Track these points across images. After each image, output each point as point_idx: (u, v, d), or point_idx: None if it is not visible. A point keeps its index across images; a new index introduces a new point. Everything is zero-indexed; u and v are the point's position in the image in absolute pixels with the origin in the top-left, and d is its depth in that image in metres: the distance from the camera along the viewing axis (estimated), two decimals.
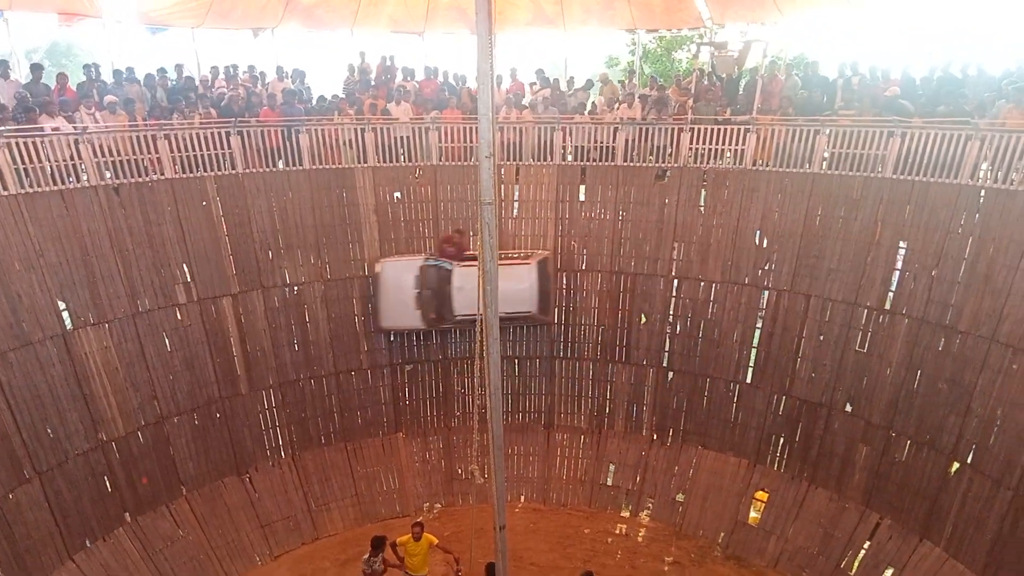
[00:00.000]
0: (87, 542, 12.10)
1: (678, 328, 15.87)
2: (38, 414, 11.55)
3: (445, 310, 15.27)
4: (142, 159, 12.99)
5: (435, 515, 15.77)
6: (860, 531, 13.41)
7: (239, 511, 14.35)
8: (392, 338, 16.17)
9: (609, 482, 16.32)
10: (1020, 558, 10.90)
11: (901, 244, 13.06)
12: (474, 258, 15.06)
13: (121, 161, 12.78)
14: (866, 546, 13.26)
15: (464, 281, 15.00)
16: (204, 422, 14.11)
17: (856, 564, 13.27)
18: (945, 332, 12.40)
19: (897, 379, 13.08)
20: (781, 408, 14.77)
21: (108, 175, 12.68)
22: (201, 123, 13.83)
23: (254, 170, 14.31)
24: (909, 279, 12.93)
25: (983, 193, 12.03)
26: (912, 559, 12.53)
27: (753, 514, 14.82)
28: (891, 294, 13.25)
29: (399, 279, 15.32)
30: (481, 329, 7.85)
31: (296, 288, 15.16)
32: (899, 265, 13.12)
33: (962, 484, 12.03)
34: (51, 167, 11.83)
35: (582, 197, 16.08)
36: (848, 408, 13.84)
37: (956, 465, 12.22)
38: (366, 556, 11.49)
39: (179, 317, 13.65)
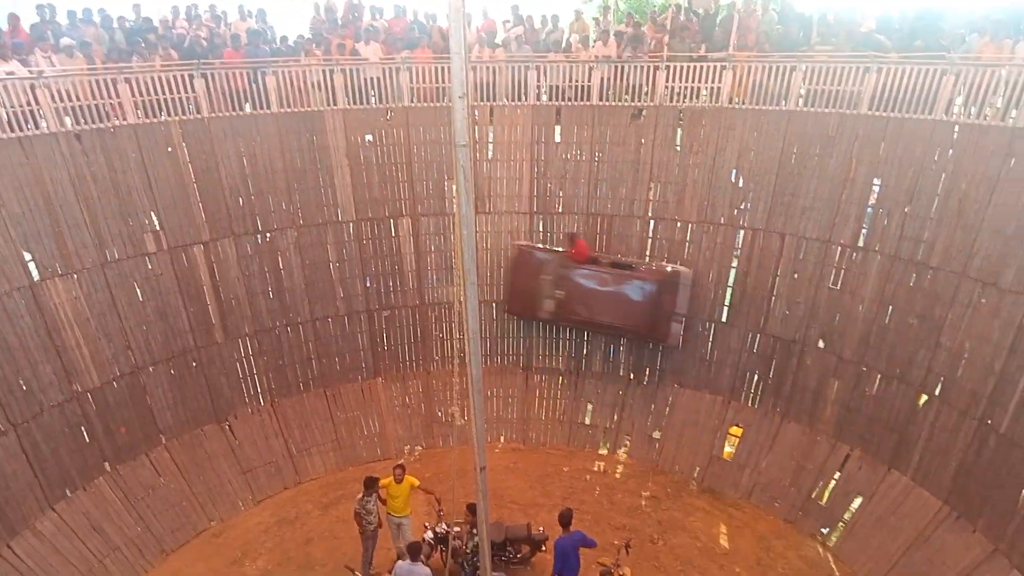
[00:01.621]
0: (67, 491, 12.11)
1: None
2: (9, 367, 11.38)
3: (566, 306, 15.57)
4: (103, 104, 12.56)
5: (416, 457, 15.96)
6: (831, 462, 13.80)
7: (220, 458, 14.41)
8: (368, 284, 16.08)
9: (587, 421, 16.58)
10: (982, 485, 11.29)
11: (875, 181, 13.10)
12: (595, 260, 15.32)
13: (81, 107, 12.34)
14: (836, 477, 13.66)
15: (587, 280, 15.31)
16: (181, 371, 14.03)
17: (827, 494, 13.69)
18: (917, 268, 12.56)
19: (869, 315, 13.29)
20: (756, 346, 14.98)
21: (68, 121, 12.26)
22: (162, 66, 13.36)
23: (220, 114, 13.90)
24: (882, 216, 13.02)
25: (957, 129, 12.05)
26: (880, 488, 12.94)
27: (727, 449, 15.17)
28: (864, 231, 13.36)
29: (534, 264, 15.70)
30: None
31: (269, 235, 14.93)
32: (873, 202, 13.20)
33: (929, 416, 12.36)
34: (7, 113, 11.39)
35: (558, 138, 15.88)
36: (821, 344, 14.08)
37: (924, 397, 12.53)
38: (360, 496, 11.63)
39: (149, 266, 13.42)
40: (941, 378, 12.23)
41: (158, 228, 13.47)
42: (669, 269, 15.15)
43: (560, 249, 15.75)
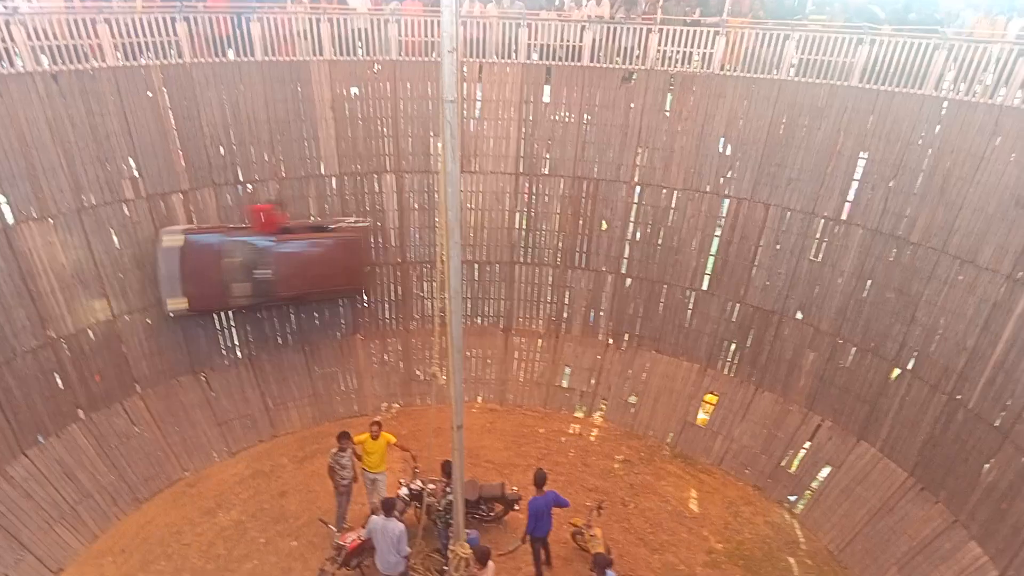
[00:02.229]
0: (40, 438, 12.03)
1: (638, 235, 15.91)
2: None
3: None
4: (81, 45, 12.19)
5: (393, 415, 16.01)
6: (802, 432, 14.01)
7: (195, 409, 14.36)
8: None
9: (565, 384, 16.68)
10: (947, 458, 11.54)
11: (862, 154, 13.10)
12: (289, 231, 14.15)
13: (58, 46, 11.98)
14: (807, 446, 13.89)
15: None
16: (157, 321, 13.88)
17: (796, 462, 13.93)
18: (897, 243, 12.65)
19: (848, 288, 13.40)
20: (735, 315, 15.08)
21: (45, 61, 11.90)
22: (143, 7, 12.99)
23: (202, 60, 13.56)
24: (867, 190, 13.05)
25: (945, 104, 12.04)
26: (849, 458, 13.18)
27: (702, 416, 15.35)
28: (848, 204, 13.39)
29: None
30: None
31: (250, 186, 14.70)
32: (858, 176, 13.20)
33: (901, 389, 12.56)
34: None
35: (547, 98, 15.68)
36: (799, 315, 14.20)
37: (897, 371, 12.72)
38: (334, 451, 11.66)
39: (127, 213, 13.18)
40: (915, 353, 12.41)
41: (136, 175, 13.21)
42: (356, 223, 15.22)
43: (245, 225, 14.36)
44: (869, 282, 13.12)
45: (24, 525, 11.27)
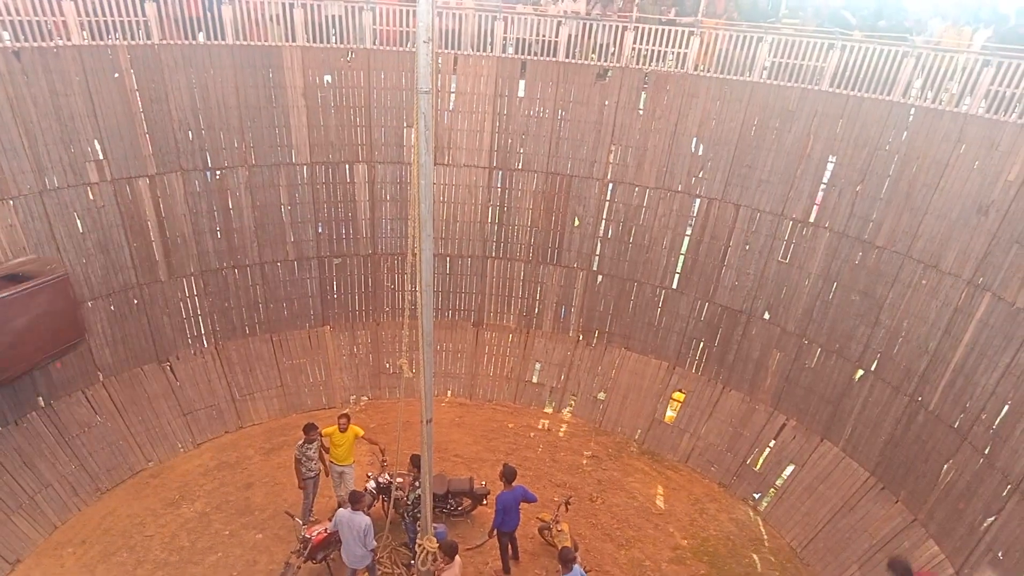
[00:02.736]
0: None
1: (610, 232, 15.99)
2: None
3: None
4: (45, 21, 11.85)
5: (362, 407, 15.92)
6: (767, 431, 14.24)
7: (160, 399, 14.11)
8: (320, 230, 15.77)
9: (535, 380, 16.72)
10: (907, 458, 11.81)
11: (830, 158, 13.30)
12: None
13: (21, 21, 11.61)
14: (771, 445, 14.11)
15: None
16: (121, 308, 13.60)
17: (760, 460, 14.15)
18: (863, 246, 12.88)
19: (814, 289, 13.62)
20: (703, 314, 15.25)
21: (7, 36, 11.54)
22: None
23: (172, 42, 13.27)
24: (834, 193, 13.26)
25: (912, 111, 12.26)
26: (812, 457, 13.43)
27: (669, 413, 15.52)
28: (816, 207, 13.60)
29: None
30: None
31: (219, 173, 14.45)
32: (826, 179, 13.41)
33: (864, 390, 12.82)
34: None
35: (521, 93, 15.65)
36: (766, 316, 14.40)
37: (860, 372, 12.97)
38: (300, 443, 11.55)
39: (91, 197, 12.87)
40: (878, 354, 12.66)
41: (101, 157, 12.90)
42: (24, 262, 11.66)
43: None
44: (835, 284, 13.34)
45: None
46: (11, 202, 11.77)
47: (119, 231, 13.32)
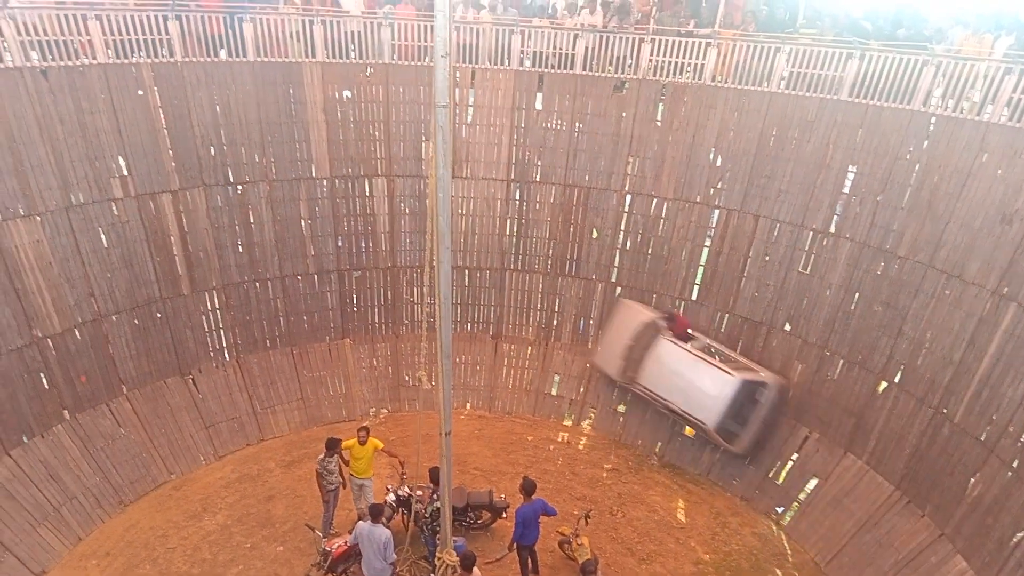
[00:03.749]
0: (24, 438, 11.89)
1: (628, 244, 15.97)
2: None
3: (637, 372, 14.78)
4: (71, 41, 12.12)
5: (381, 420, 15.96)
6: (789, 444, 14.07)
7: (182, 412, 14.25)
8: (340, 243, 15.90)
9: (554, 392, 16.69)
10: (933, 471, 11.62)
11: (851, 168, 13.21)
12: (686, 339, 14.44)
13: (48, 42, 11.89)
14: (794, 458, 13.95)
15: (662, 355, 14.43)
16: (145, 322, 13.78)
17: (783, 474, 13.99)
18: (885, 256, 12.75)
19: (836, 300, 13.49)
20: (723, 325, 15.15)
21: (35, 56, 11.81)
22: (136, 4, 12.90)
23: (194, 59, 13.50)
24: (855, 203, 13.16)
25: (933, 120, 12.17)
26: (836, 471, 13.25)
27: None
28: (836, 218, 13.49)
29: (624, 323, 15.11)
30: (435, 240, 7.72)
31: (240, 187, 14.64)
32: (847, 189, 13.32)
33: (888, 402, 12.65)
34: None
35: (539, 106, 15.73)
36: (787, 327, 14.27)
37: (884, 384, 12.81)
38: (321, 456, 11.60)
39: (116, 212, 13.08)
40: (901, 366, 12.49)
41: (126, 173, 13.12)
42: (762, 375, 13.82)
43: None
44: (857, 295, 13.21)
45: (6, 526, 11.15)
46: (38, 218, 12.00)
47: (143, 246, 13.51)
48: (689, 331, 14.87)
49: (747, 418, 13.66)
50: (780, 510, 13.74)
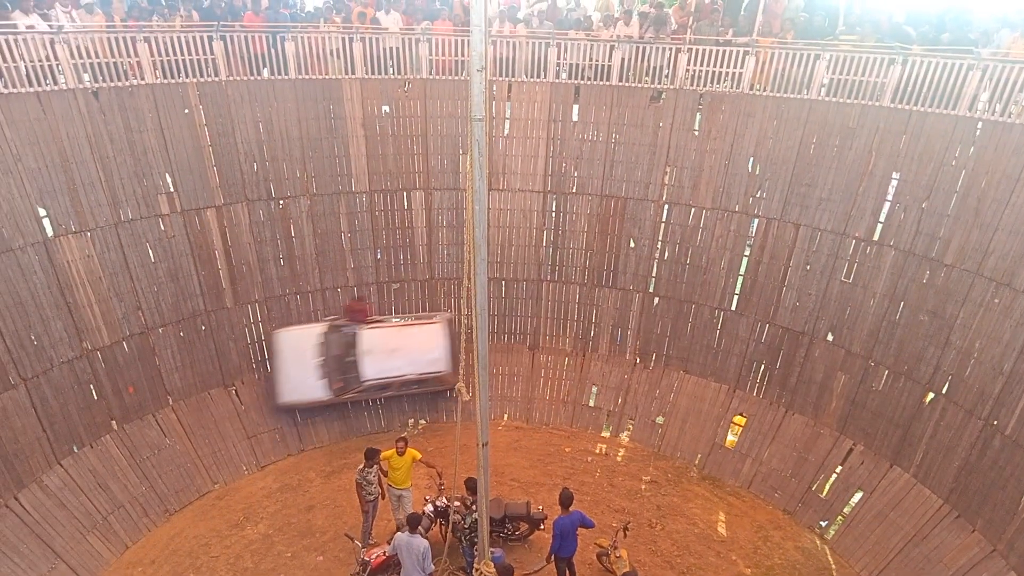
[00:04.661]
0: (74, 448, 12.28)
1: (666, 254, 15.86)
2: (21, 321, 11.51)
3: (352, 376, 14.96)
4: (121, 63, 12.57)
5: (419, 431, 16.04)
6: (833, 456, 13.79)
7: (225, 422, 14.54)
8: (379, 256, 16.11)
9: (591, 403, 16.61)
10: (983, 485, 11.27)
11: (894, 175, 12.96)
12: (379, 321, 14.99)
13: (100, 64, 12.36)
14: (838, 470, 13.65)
15: (372, 344, 15.04)
16: (189, 334, 14.13)
17: (827, 487, 13.69)
18: (931, 265, 12.46)
19: (880, 310, 13.21)
20: (764, 336, 14.93)
21: (87, 78, 12.27)
22: (182, 26, 13.32)
23: (238, 78, 13.88)
24: (899, 211, 12.90)
25: (980, 125, 11.88)
26: (881, 484, 12.93)
27: (730, 437, 15.18)
28: (880, 225, 13.23)
29: (298, 349, 14.84)
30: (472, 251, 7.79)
31: (282, 202, 14.95)
32: (890, 196, 13.06)
33: (935, 414, 12.32)
34: (26, 67, 11.41)
35: (575, 117, 15.76)
36: (830, 337, 14.01)
37: (931, 395, 12.48)
38: (360, 467, 11.72)
39: (162, 228, 13.48)
40: (949, 376, 12.17)
41: (172, 190, 13.52)
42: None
43: None
44: (902, 304, 12.91)
45: (57, 534, 11.49)
46: (88, 234, 12.43)
47: (188, 260, 13.87)
48: (372, 316, 15.63)
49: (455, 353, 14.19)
50: (824, 524, 13.44)
